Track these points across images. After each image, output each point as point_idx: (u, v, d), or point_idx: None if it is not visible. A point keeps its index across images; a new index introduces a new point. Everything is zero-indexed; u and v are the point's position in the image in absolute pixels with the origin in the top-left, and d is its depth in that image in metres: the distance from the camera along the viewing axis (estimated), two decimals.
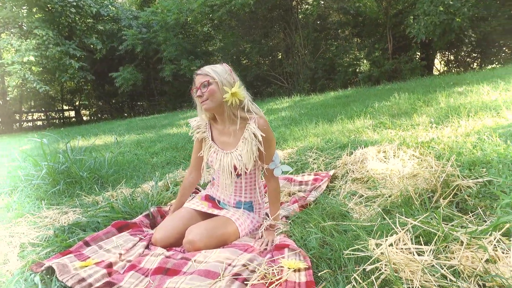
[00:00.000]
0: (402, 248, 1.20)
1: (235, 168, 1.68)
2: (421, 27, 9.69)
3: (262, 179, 1.87)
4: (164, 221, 1.76)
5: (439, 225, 1.24)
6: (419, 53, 13.43)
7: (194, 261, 1.41)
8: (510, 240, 1.19)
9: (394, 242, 1.21)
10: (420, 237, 1.23)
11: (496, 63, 12.83)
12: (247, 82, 14.98)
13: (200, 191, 2.39)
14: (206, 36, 15.41)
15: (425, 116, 2.96)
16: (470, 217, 1.39)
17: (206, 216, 1.77)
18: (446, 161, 1.73)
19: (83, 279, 1.36)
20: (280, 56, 15.40)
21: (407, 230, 1.25)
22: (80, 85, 14.94)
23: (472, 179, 1.57)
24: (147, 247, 1.67)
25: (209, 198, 1.88)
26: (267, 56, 15.41)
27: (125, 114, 15.96)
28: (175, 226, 1.69)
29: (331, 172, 2.35)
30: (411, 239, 1.23)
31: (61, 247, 1.71)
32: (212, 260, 1.40)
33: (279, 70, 15.12)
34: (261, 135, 1.61)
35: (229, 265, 1.36)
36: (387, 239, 1.23)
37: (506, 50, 13.16)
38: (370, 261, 1.15)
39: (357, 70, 13.67)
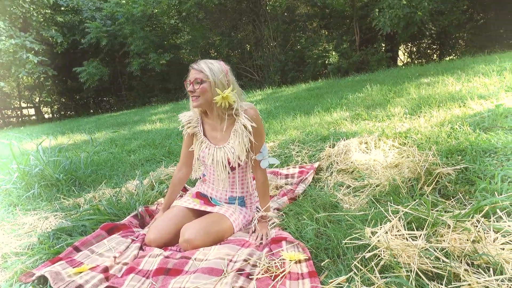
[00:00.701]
0: (396, 235, 1.28)
1: (229, 162, 1.69)
2: (386, 19, 10.06)
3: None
4: (156, 220, 1.74)
5: (428, 211, 1.33)
6: (384, 45, 13.95)
7: (195, 259, 1.42)
8: (489, 221, 1.31)
9: (389, 229, 1.29)
10: (412, 223, 1.32)
11: (453, 54, 13.64)
12: None
13: (187, 189, 2.38)
14: (173, 28, 15.00)
15: (400, 107, 3.12)
16: (452, 202, 1.51)
17: (198, 213, 1.77)
18: (428, 150, 1.85)
19: (80, 286, 1.32)
20: (249, 49, 15.37)
21: (399, 217, 1.33)
22: (41, 81, 14.06)
23: (450, 167, 1.69)
24: (140, 248, 1.65)
25: (200, 195, 1.87)
26: (236, 49, 15.32)
27: (91, 111, 15.26)
28: (168, 225, 1.67)
29: (316, 164, 2.41)
30: (404, 225, 1.32)
31: (49, 254, 1.64)
32: (213, 257, 1.41)
33: (249, 63, 15.09)
34: (252, 125, 1.62)
35: (230, 261, 1.38)
36: (381, 227, 1.31)
37: (461, 42, 14.04)
38: (369, 248, 1.21)
39: (326, 62, 13.97)
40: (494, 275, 1.01)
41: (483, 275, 1.04)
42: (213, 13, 13.37)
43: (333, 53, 14.38)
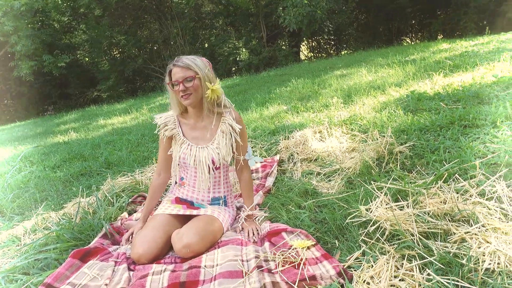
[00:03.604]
0: (386, 208, 1.46)
1: (213, 162, 1.67)
2: (291, 17, 10.82)
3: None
4: (141, 233, 1.59)
5: (404, 184, 1.55)
6: (287, 41, 14.97)
7: (205, 266, 1.36)
8: (449, 185, 1.59)
9: (380, 204, 1.46)
10: (398, 195, 1.52)
11: (347, 49, 15.49)
12: (125, 77, 13.82)
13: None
14: (66, 26, 13.31)
15: (336, 98, 3.45)
16: (413, 174, 1.78)
17: (183, 219, 1.70)
18: (385, 133, 2.11)
19: None
20: (158, 48, 14.70)
21: (385, 192, 1.52)
22: None
23: (403, 145, 1.98)
24: (128, 268, 1.50)
25: (180, 200, 1.79)
26: (143, 49, 14.49)
27: None
28: (156, 236, 1.56)
29: (277, 157, 2.52)
30: (389, 199, 1.51)
31: None
32: (223, 261, 1.38)
33: (158, 63, 14.46)
34: (239, 128, 1.65)
35: (242, 260, 1.38)
36: (373, 203, 1.47)
37: (351, 39, 16.06)
38: (372, 222, 1.36)
39: (237, 58, 14.32)
40: (474, 225, 1.26)
41: (464, 225, 1.28)
42: (113, 10, 12.32)
43: (243, 50, 14.81)
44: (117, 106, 8.44)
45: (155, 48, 14.90)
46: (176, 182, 1.87)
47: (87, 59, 14.22)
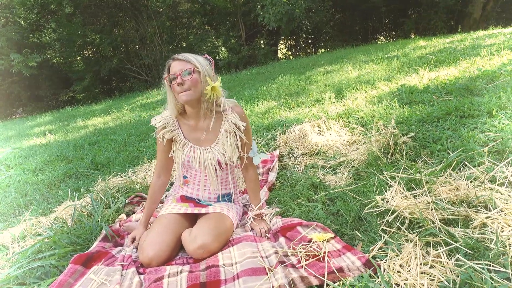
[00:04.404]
0: (401, 197, 1.45)
1: (219, 163, 1.60)
2: (270, 16, 10.83)
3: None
4: (150, 235, 1.50)
5: (415, 173, 1.56)
6: (266, 40, 14.99)
7: (224, 265, 1.30)
8: (457, 173, 1.61)
9: (395, 193, 1.46)
10: (411, 184, 1.52)
11: (325, 48, 15.71)
12: (101, 78, 13.33)
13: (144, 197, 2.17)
14: (34, 24, 12.65)
15: (328, 92, 3.46)
16: (419, 163, 1.79)
17: (190, 218, 1.63)
18: (389, 124, 2.13)
19: None
20: (135, 47, 14.30)
21: (398, 182, 1.52)
22: None
23: (407, 136, 1.99)
24: (138, 272, 1.41)
25: (186, 199, 1.71)
26: (119, 48, 14.04)
27: None
28: (166, 237, 1.48)
29: (277, 152, 2.48)
30: (403, 188, 1.50)
31: None
32: (241, 258, 1.33)
33: (136, 62, 14.07)
34: (243, 125, 1.58)
35: (262, 257, 1.33)
36: (389, 193, 1.47)
37: (327, 38, 16.30)
38: (390, 211, 1.35)
39: (217, 57, 14.18)
40: (493, 210, 1.27)
41: (481, 211, 1.29)
42: (86, 8, 11.85)
43: (223, 49, 14.69)
44: (95, 107, 8.11)
45: (130, 47, 14.48)
46: (182, 183, 1.78)
47: (57, 58, 13.60)
